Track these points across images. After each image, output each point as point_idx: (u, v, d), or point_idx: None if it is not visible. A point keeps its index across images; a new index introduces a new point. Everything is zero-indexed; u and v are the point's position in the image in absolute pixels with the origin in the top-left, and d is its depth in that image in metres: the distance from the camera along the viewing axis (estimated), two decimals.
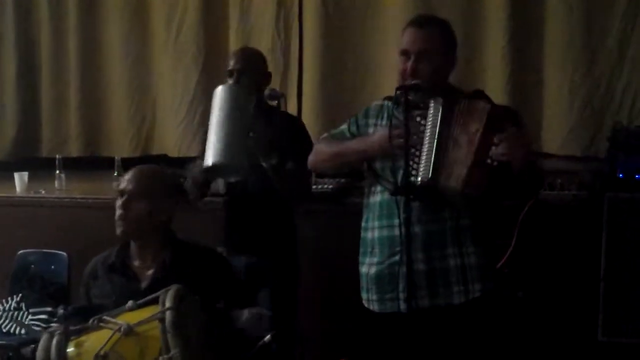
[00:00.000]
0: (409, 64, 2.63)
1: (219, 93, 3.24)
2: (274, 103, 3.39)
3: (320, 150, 2.88)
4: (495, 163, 2.49)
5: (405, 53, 2.66)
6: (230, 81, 3.41)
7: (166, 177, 2.85)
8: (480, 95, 2.75)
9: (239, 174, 3.22)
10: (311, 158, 2.90)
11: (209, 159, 3.10)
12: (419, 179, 2.53)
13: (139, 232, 2.74)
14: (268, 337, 2.65)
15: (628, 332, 3.61)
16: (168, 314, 2.34)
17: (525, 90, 4.44)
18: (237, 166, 3.14)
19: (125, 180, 2.77)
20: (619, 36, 4.30)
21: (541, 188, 2.81)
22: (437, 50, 2.64)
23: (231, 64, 3.45)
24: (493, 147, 2.48)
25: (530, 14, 4.43)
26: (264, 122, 3.27)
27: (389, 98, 2.78)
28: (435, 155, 2.54)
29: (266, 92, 3.39)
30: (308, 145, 3.16)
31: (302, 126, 3.54)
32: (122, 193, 2.74)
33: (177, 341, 2.30)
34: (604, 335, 3.65)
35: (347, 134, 2.84)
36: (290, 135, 3.33)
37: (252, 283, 3.26)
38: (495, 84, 4.43)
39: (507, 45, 4.40)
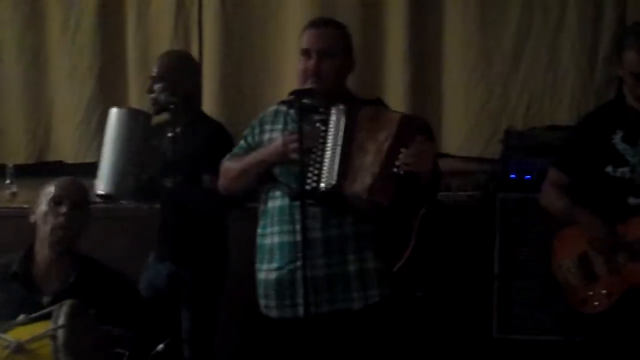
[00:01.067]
0: (311, 62, 2.63)
1: (111, 117, 3.22)
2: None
3: (225, 172, 2.83)
4: (402, 172, 2.50)
5: (306, 52, 2.66)
6: (155, 85, 3.34)
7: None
8: (380, 102, 2.79)
9: (130, 199, 3.26)
10: (220, 182, 2.85)
11: (98, 188, 3.13)
12: (323, 184, 2.53)
13: (72, 243, 2.71)
14: (161, 345, 2.62)
15: (522, 328, 3.70)
16: (60, 333, 2.29)
17: (424, 92, 4.51)
18: (124, 194, 3.20)
19: (66, 187, 2.71)
20: (514, 40, 4.41)
21: (438, 191, 2.83)
22: (338, 51, 2.67)
23: (156, 67, 3.39)
24: (401, 157, 2.50)
25: (428, 18, 4.50)
26: (185, 132, 3.25)
27: (283, 102, 2.78)
28: (339, 161, 2.53)
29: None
30: None
31: (226, 136, 3.44)
32: (59, 201, 2.67)
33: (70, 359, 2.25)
34: (499, 332, 3.74)
35: (246, 146, 2.81)
36: (211, 146, 3.28)
37: (173, 290, 3.24)
38: (395, 87, 4.49)
39: (407, 49, 4.45)
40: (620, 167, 2.85)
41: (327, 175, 2.54)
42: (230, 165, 2.82)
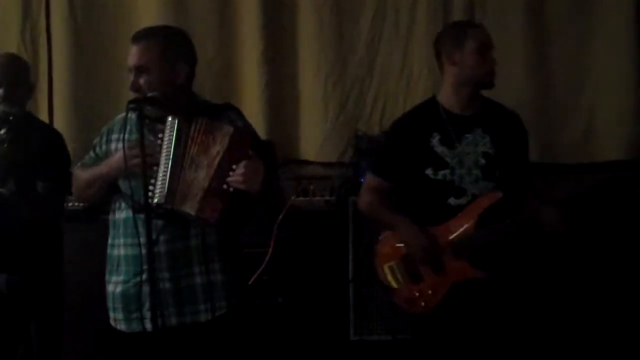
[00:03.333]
0: (131, 79, 2.60)
1: None
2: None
3: (76, 180, 2.78)
4: (231, 189, 2.49)
5: (130, 70, 2.63)
6: None
7: None
8: (229, 107, 2.76)
9: None
10: (73, 190, 2.80)
11: None
12: (156, 200, 2.48)
13: None
14: None
15: (377, 330, 3.78)
16: None
17: (281, 99, 4.54)
18: None
19: None
20: (367, 45, 4.50)
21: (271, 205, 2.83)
22: (155, 63, 2.59)
23: None
24: (231, 173, 2.48)
25: (283, 25, 4.55)
26: (19, 138, 3.12)
27: (129, 109, 2.73)
28: (170, 176, 2.50)
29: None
30: (64, 163, 3.05)
31: (60, 142, 3.32)
32: None
33: None
34: (356, 334, 3.80)
35: (94, 156, 2.74)
36: (45, 152, 3.17)
37: (15, 301, 3.12)
38: (251, 95, 4.51)
39: (261, 56, 4.48)
40: (440, 170, 2.87)
41: (160, 190, 2.50)
42: (79, 175, 2.76)
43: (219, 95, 4.07)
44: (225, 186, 2.49)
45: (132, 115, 2.65)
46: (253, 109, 4.36)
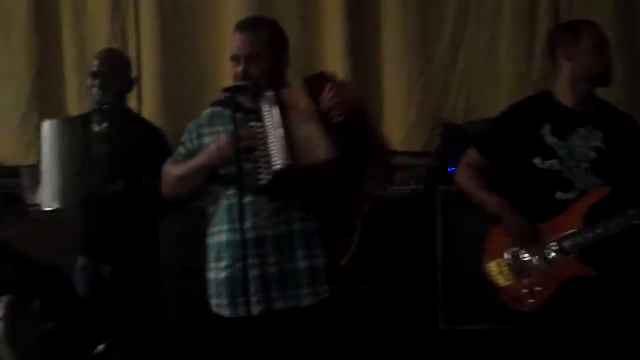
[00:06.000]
0: (240, 68, 2.63)
1: (46, 130, 3.17)
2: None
3: (168, 177, 2.79)
4: (339, 117, 2.52)
5: (234, 58, 2.66)
6: (93, 83, 3.30)
7: None
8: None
9: (76, 210, 3.21)
10: (162, 188, 2.81)
11: (45, 204, 3.10)
12: (279, 166, 2.50)
13: None
14: (101, 346, 2.61)
15: (467, 319, 3.75)
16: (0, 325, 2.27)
17: (364, 89, 4.52)
18: (71, 207, 3.14)
19: None
20: (452, 33, 4.47)
21: (389, 175, 2.85)
22: (266, 53, 2.64)
23: (95, 64, 3.33)
24: (327, 106, 2.52)
25: (366, 15, 4.53)
26: (122, 134, 3.21)
27: (214, 103, 2.77)
28: (285, 142, 2.51)
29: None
30: (167, 158, 3.09)
31: (162, 137, 3.42)
32: None
33: (10, 352, 2.25)
34: (445, 324, 3.78)
35: (185, 152, 2.78)
36: (148, 148, 3.26)
37: (116, 291, 3.21)
38: None
39: (345, 46, 4.48)
40: (548, 159, 2.88)
41: (277, 158, 2.52)
42: (171, 171, 2.78)
43: None
44: (336, 118, 2.52)
45: (219, 109, 2.70)
46: None
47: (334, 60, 4.53)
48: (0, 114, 4.79)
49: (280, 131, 2.53)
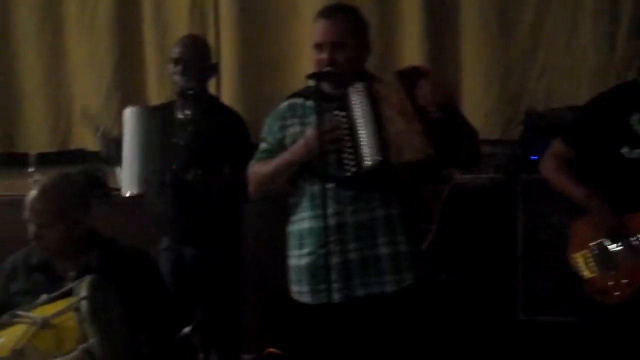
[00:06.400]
0: (325, 55, 2.63)
1: (127, 117, 3.21)
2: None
3: (256, 177, 2.79)
4: (433, 114, 2.49)
5: (318, 46, 2.66)
6: (175, 70, 3.33)
7: (72, 187, 2.74)
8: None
9: (156, 196, 3.25)
10: (250, 188, 2.82)
11: (126, 190, 3.15)
12: (368, 162, 2.50)
13: (60, 251, 2.68)
14: (188, 328, 2.65)
15: (548, 310, 3.70)
16: (83, 304, 2.33)
17: (442, 76, 4.44)
18: (152, 192, 3.20)
19: (30, 210, 2.65)
20: (533, 19, 4.39)
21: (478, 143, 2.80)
22: (350, 40, 2.64)
23: (176, 51, 3.37)
24: (422, 100, 2.49)
25: (444, 1, 4.47)
26: (205, 121, 3.24)
27: (294, 95, 2.78)
28: (376, 137, 2.50)
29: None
30: (249, 147, 3.09)
31: (244, 125, 3.44)
32: (29, 221, 2.64)
33: (95, 329, 2.29)
34: (525, 314, 3.73)
35: (269, 147, 2.79)
36: (230, 135, 3.28)
37: (199, 274, 3.26)
38: None
39: (423, 30, 4.43)
40: (637, 148, 2.83)
41: (367, 153, 2.50)
42: (259, 171, 2.77)
43: (378, 72, 4.07)
44: (431, 115, 2.50)
45: (299, 100, 2.70)
46: None
47: (412, 46, 4.49)
48: (82, 101, 4.90)
49: (371, 125, 2.51)
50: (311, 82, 2.62)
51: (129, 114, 3.24)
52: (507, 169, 3.94)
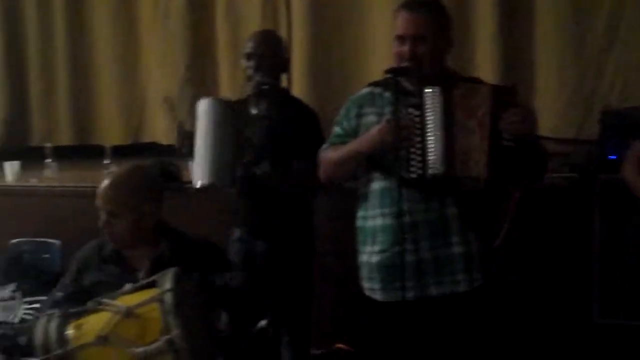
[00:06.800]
0: (406, 48, 2.61)
1: (202, 108, 3.21)
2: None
3: (326, 162, 2.82)
4: (511, 143, 2.48)
5: (400, 38, 2.64)
6: (249, 65, 3.34)
7: (145, 178, 2.76)
8: (477, 82, 2.74)
9: (227, 188, 3.24)
10: (321, 174, 2.84)
11: (197, 181, 3.13)
12: (430, 171, 2.50)
13: (130, 242, 2.71)
14: (264, 322, 2.66)
15: (624, 313, 3.61)
16: (168, 296, 2.35)
17: (516, 73, 4.41)
18: (222, 184, 3.18)
19: (101, 198, 2.68)
20: (608, 18, 4.29)
21: (546, 168, 2.77)
22: (432, 34, 2.62)
23: (250, 46, 3.37)
24: (505, 125, 2.48)
25: None
26: (278, 116, 3.25)
27: (374, 83, 2.76)
28: (443, 145, 2.50)
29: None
30: (319, 143, 3.09)
31: (316, 120, 3.44)
32: (100, 209, 2.68)
33: (178, 322, 2.30)
34: (601, 317, 3.66)
35: (342, 133, 2.79)
36: (303, 131, 3.29)
37: (270, 268, 3.28)
38: (485, 68, 4.41)
39: (497, 28, 4.38)
40: None
41: (433, 161, 2.50)
42: (329, 156, 2.80)
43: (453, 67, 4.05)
44: (504, 141, 2.47)
45: (378, 89, 2.68)
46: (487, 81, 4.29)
47: (485, 43, 4.44)
48: (156, 95, 4.98)
49: (441, 132, 2.50)
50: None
51: (204, 105, 3.24)
52: (583, 168, 3.87)
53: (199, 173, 3.17)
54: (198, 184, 3.15)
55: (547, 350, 3.72)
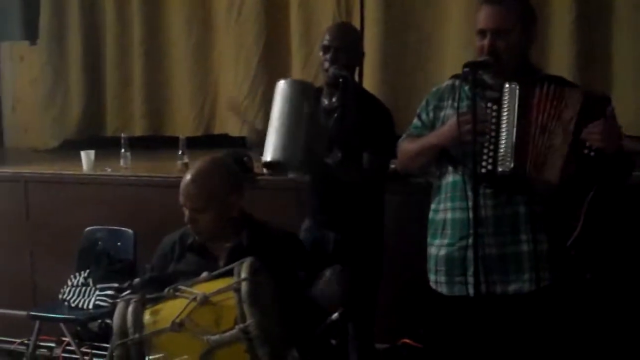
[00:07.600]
0: (486, 41, 2.58)
1: (280, 88, 3.19)
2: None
3: (403, 153, 2.83)
4: (592, 153, 2.44)
5: (481, 32, 2.61)
6: (325, 57, 3.32)
7: (226, 171, 2.76)
8: (562, 81, 2.68)
9: (296, 171, 3.22)
10: (398, 163, 2.87)
11: (267, 155, 3.05)
12: (500, 168, 2.48)
13: (215, 234, 2.74)
14: (336, 314, 2.66)
15: None
16: (244, 284, 2.36)
17: (592, 67, 4.33)
18: (291, 164, 3.11)
19: (185, 195, 2.69)
20: None
21: (632, 171, 2.69)
22: (514, 27, 2.58)
23: (327, 39, 3.35)
24: (588, 135, 2.44)
25: None
26: (351, 111, 3.23)
27: (456, 76, 2.74)
28: (517, 143, 2.47)
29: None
30: (392, 138, 3.08)
31: (389, 116, 3.40)
32: (184, 206, 2.70)
33: (253, 311, 2.31)
34: None
35: (420, 125, 2.79)
36: (375, 126, 3.27)
37: (338, 259, 3.27)
38: (562, 61, 4.35)
39: (574, 21, 4.31)
40: None
41: (503, 158, 2.48)
42: (406, 147, 2.80)
43: None
44: (585, 150, 2.42)
45: (463, 85, 2.66)
46: (563, 75, 4.18)
47: (562, 39, 4.36)
48: (228, 88, 5.04)
49: (515, 130, 2.47)
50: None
51: (282, 84, 3.21)
52: None
53: (269, 149, 3.10)
54: (268, 157, 3.06)
55: (620, 352, 3.64)
